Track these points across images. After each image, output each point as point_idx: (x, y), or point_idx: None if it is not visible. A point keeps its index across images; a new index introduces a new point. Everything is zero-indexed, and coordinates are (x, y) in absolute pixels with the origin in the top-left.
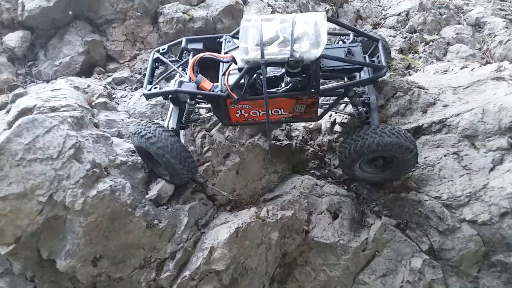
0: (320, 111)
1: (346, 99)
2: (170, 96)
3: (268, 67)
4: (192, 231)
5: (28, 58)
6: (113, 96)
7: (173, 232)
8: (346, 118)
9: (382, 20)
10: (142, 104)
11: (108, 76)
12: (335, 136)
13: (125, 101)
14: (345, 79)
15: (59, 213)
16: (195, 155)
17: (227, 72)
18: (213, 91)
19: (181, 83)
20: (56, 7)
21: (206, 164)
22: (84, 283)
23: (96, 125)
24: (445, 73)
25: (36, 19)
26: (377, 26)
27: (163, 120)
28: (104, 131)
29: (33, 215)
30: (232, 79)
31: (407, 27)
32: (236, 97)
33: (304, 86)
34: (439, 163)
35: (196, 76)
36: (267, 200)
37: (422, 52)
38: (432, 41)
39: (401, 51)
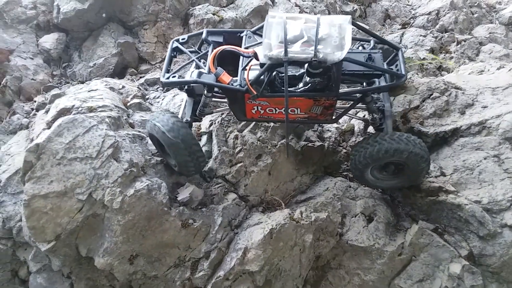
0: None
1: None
2: (185, 87)
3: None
4: (225, 231)
5: (63, 59)
6: (147, 97)
7: (207, 232)
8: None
9: (411, 19)
10: (175, 105)
11: (140, 77)
12: None
13: (158, 102)
14: (364, 84)
15: (97, 211)
16: (228, 156)
17: (247, 67)
18: (232, 84)
19: (200, 74)
20: (90, 9)
21: (239, 164)
22: (120, 280)
23: (132, 125)
24: (481, 74)
25: (71, 21)
26: (406, 26)
27: None
28: (139, 131)
29: (73, 213)
30: (252, 75)
31: (437, 26)
32: (255, 93)
33: (323, 87)
34: (478, 166)
35: (216, 69)
36: (299, 201)
37: (454, 52)
38: (464, 41)
39: (432, 51)
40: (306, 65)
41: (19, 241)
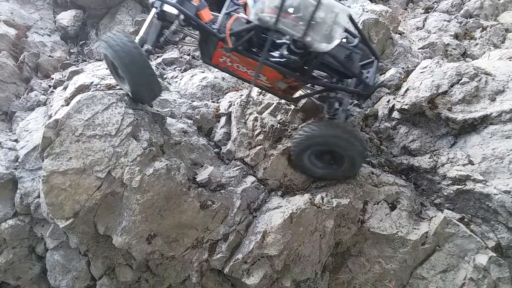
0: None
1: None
2: (158, 7)
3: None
4: (244, 214)
5: (80, 37)
6: (164, 76)
7: (225, 214)
8: (406, 105)
9: (435, 3)
10: (193, 85)
11: (158, 56)
12: (393, 123)
13: (176, 82)
14: (334, 79)
15: (116, 189)
16: (247, 138)
17: (233, 16)
18: (210, 26)
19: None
20: None
21: (258, 147)
22: (138, 260)
23: (150, 105)
24: (511, 60)
25: None
26: (429, 10)
27: (213, 102)
28: (158, 111)
29: (92, 191)
30: (234, 26)
31: (462, 11)
32: (230, 46)
33: (297, 68)
34: (509, 155)
35: (200, 1)
36: (319, 187)
37: (479, 38)
38: (490, 27)
39: (456, 36)
40: (289, 39)
41: (37, 217)
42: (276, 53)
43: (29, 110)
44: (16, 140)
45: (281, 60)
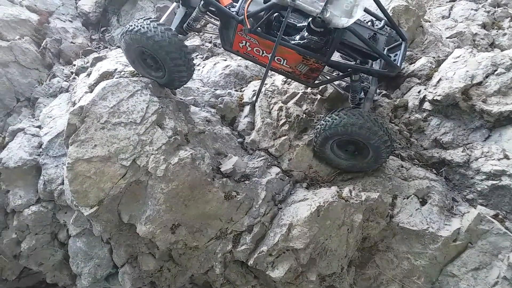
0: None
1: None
2: None
3: (292, 12)
4: (269, 206)
5: (101, 23)
6: None
7: (250, 205)
8: (439, 95)
9: None
10: (216, 73)
11: None
12: (424, 114)
13: (199, 70)
14: (357, 61)
15: (141, 178)
16: (271, 128)
17: None
18: (229, 9)
19: None
20: None
21: (283, 138)
22: (161, 249)
23: (173, 93)
24: None
25: None
26: None
27: (236, 90)
28: (181, 99)
29: (116, 179)
30: (253, 8)
31: (489, 0)
32: (248, 27)
33: (317, 48)
34: None
35: None
36: (346, 179)
37: (507, 28)
38: None
39: (483, 26)
40: (309, 19)
41: (60, 204)
42: (297, 37)
43: (52, 96)
44: (39, 127)
45: (301, 41)
